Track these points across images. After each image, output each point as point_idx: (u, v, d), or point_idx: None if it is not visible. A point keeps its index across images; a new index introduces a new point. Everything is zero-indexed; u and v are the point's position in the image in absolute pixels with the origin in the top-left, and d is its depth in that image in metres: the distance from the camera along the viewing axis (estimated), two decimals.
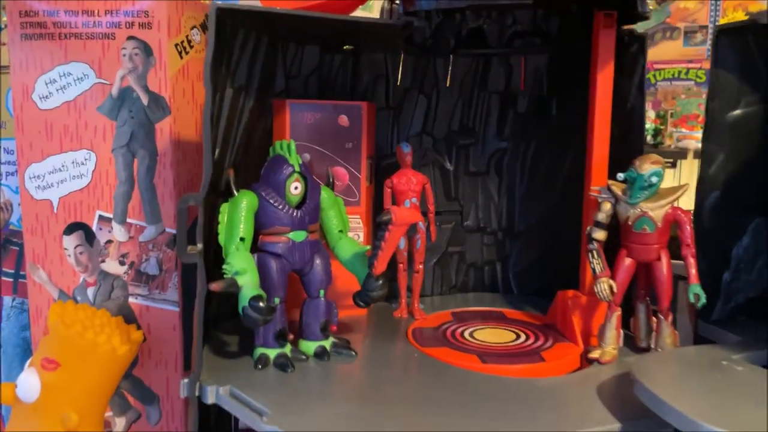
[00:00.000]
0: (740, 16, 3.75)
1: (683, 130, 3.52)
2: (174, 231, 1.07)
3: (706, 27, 3.80)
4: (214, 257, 0.90)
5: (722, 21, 3.78)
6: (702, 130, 1.00)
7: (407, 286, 1.16)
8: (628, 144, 1.05)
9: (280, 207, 0.91)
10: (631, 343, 1.02)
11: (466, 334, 1.06)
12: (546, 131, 1.24)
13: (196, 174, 1.08)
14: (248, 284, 0.84)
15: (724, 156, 0.99)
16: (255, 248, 0.92)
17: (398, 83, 1.17)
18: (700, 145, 0.96)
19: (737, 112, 0.98)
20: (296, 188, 0.92)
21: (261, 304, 0.82)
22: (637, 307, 1.02)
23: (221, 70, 0.91)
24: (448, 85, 1.22)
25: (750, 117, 0.98)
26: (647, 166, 0.92)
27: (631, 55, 1.05)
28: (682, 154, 3.23)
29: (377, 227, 0.88)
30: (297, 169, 0.91)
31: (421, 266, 1.15)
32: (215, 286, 0.83)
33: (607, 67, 1.00)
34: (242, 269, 0.85)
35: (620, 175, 0.93)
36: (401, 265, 1.15)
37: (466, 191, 1.28)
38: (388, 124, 1.21)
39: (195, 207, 0.86)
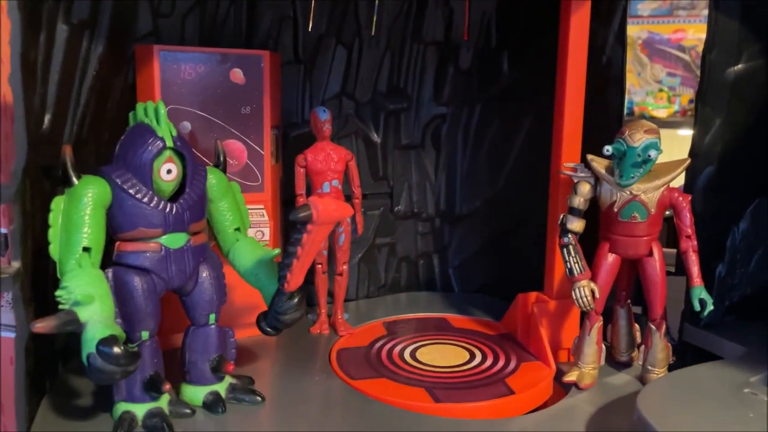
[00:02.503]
0: None
1: None
2: (4, 230, 0.77)
3: None
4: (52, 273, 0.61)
5: None
6: (696, 90, 0.80)
7: (328, 292, 0.91)
8: (606, 108, 0.83)
9: (146, 200, 0.63)
10: (607, 354, 0.82)
11: (407, 354, 0.83)
12: (495, 93, 1.01)
13: None
14: (95, 320, 0.56)
15: (721, 122, 0.80)
16: (109, 261, 0.63)
17: (309, 28, 0.90)
18: None
19: (739, 66, 0.79)
20: (169, 172, 0.64)
21: (116, 349, 0.54)
22: (616, 312, 0.83)
23: None
24: (373, 33, 0.96)
25: (753, 72, 0.80)
26: (640, 136, 0.71)
27: None
28: None
29: (292, 227, 0.62)
30: (170, 143, 0.64)
31: (345, 267, 0.90)
32: (42, 326, 0.55)
33: (583, 7, 0.77)
34: (86, 296, 0.57)
35: (607, 149, 0.72)
36: (320, 266, 0.90)
37: (397, 169, 1.05)
38: (298, 82, 0.95)
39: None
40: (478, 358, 0.82)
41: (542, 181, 0.86)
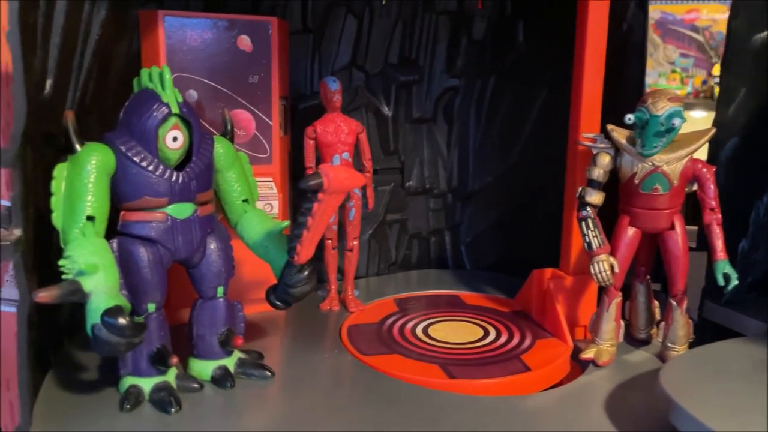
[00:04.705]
0: None
1: None
2: (7, 202, 0.75)
3: None
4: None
5: None
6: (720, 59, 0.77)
7: (337, 269, 0.89)
8: (626, 77, 0.80)
9: (152, 168, 0.61)
10: (625, 331, 0.80)
11: (419, 331, 0.81)
12: (509, 64, 0.99)
13: None
14: (100, 290, 0.55)
15: (745, 91, 0.77)
16: (114, 231, 0.61)
17: None
18: None
19: (765, 33, 0.76)
20: (175, 139, 0.62)
21: (121, 320, 0.53)
22: (635, 288, 0.80)
23: None
24: (384, 2, 0.92)
25: None
26: (663, 105, 0.68)
27: None
28: None
29: (302, 197, 0.60)
30: (175, 110, 0.61)
31: (355, 242, 0.88)
32: (45, 295, 0.53)
33: None
34: (90, 266, 0.55)
35: (629, 117, 0.69)
36: (329, 241, 0.87)
37: (408, 143, 1.02)
38: (307, 53, 0.92)
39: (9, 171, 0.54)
40: (492, 334, 0.80)
41: (557, 154, 0.83)
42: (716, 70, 2.95)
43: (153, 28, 0.73)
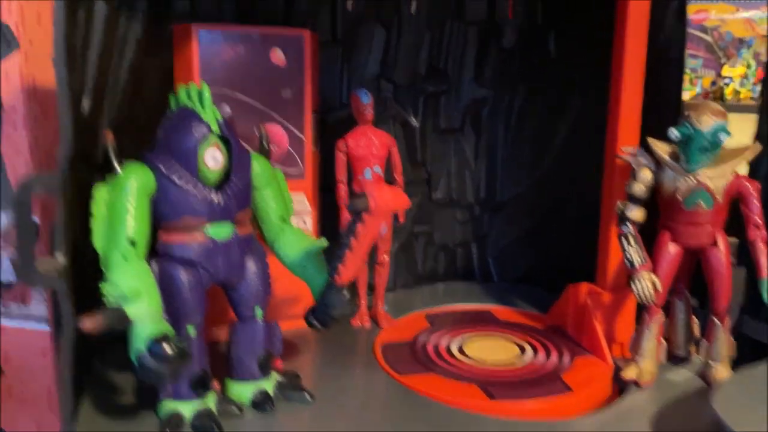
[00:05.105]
0: None
1: None
2: (37, 219, 0.76)
3: None
4: (92, 268, 0.57)
5: None
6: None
7: (368, 284, 0.88)
8: (662, 90, 0.79)
9: (191, 188, 0.60)
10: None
11: (454, 348, 0.79)
12: (540, 74, 0.98)
13: None
14: (144, 316, 0.54)
15: None
16: (153, 252, 0.60)
17: (349, 8, 0.86)
18: None
19: None
20: (215, 159, 0.60)
21: (168, 348, 0.51)
22: (674, 305, 0.79)
23: None
24: (413, 12, 0.91)
25: None
26: (707, 119, 0.67)
27: None
28: None
29: (332, 209, 0.59)
30: (215, 129, 0.60)
31: (386, 257, 0.87)
32: (90, 324, 0.52)
33: None
34: (133, 291, 0.54)
35: (674, 133, 0.67)
36: None
37: (436, 154, 1.01)
38: (335, 64, 0.90)
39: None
40: (529, 352, 0.79)
41: (589, 165, 0.82)
42: (725, 71, 2.93)
43: (187, 42, 0.71)
